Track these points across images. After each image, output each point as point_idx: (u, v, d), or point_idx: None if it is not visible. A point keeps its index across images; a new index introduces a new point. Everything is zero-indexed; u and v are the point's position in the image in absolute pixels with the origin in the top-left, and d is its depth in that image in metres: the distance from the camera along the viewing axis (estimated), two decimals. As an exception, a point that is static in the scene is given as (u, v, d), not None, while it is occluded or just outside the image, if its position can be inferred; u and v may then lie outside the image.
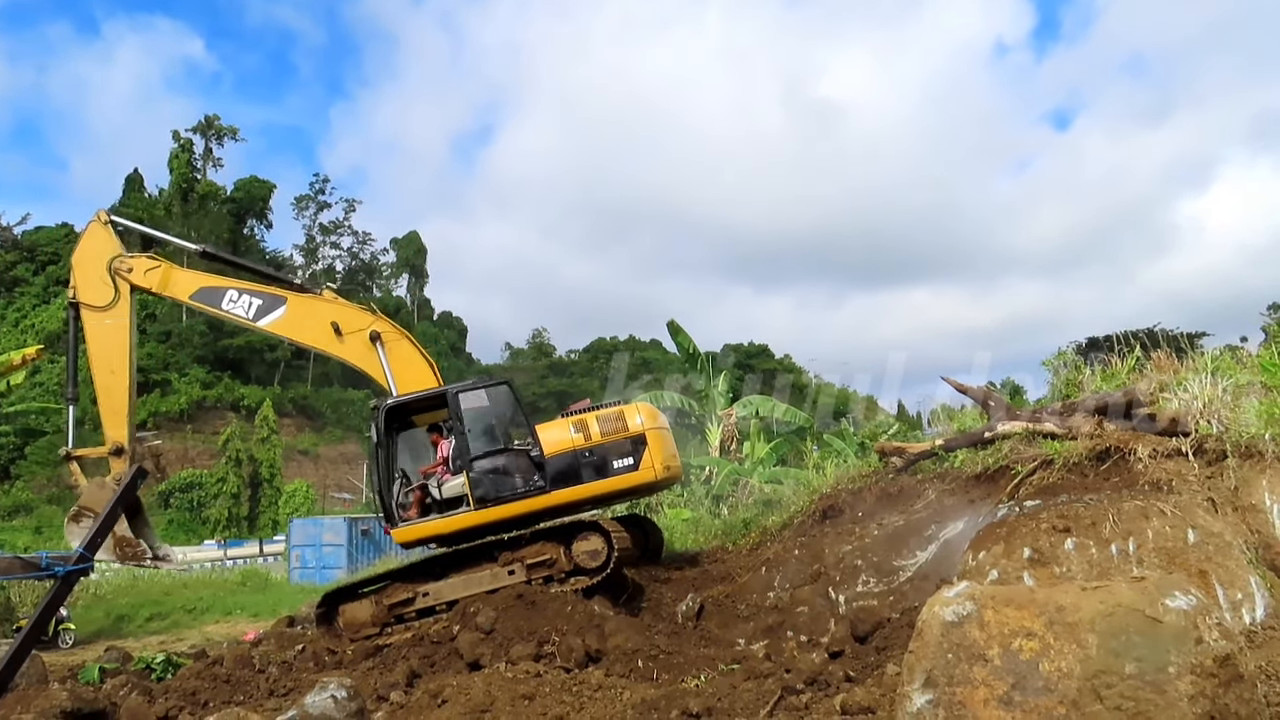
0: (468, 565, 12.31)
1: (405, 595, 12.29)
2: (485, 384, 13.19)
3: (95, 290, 14.04)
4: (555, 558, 12.01)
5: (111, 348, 13.91)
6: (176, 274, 14.61)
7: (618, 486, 12.49)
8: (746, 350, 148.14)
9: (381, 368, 13.33)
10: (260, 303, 13.96)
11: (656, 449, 12.51)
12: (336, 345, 13.69)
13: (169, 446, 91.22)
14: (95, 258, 14.27)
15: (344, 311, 13.86)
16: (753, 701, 7.43)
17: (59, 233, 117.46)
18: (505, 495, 12.33)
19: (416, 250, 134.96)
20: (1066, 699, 4.50)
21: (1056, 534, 8.88)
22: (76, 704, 8.71)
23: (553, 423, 13.07)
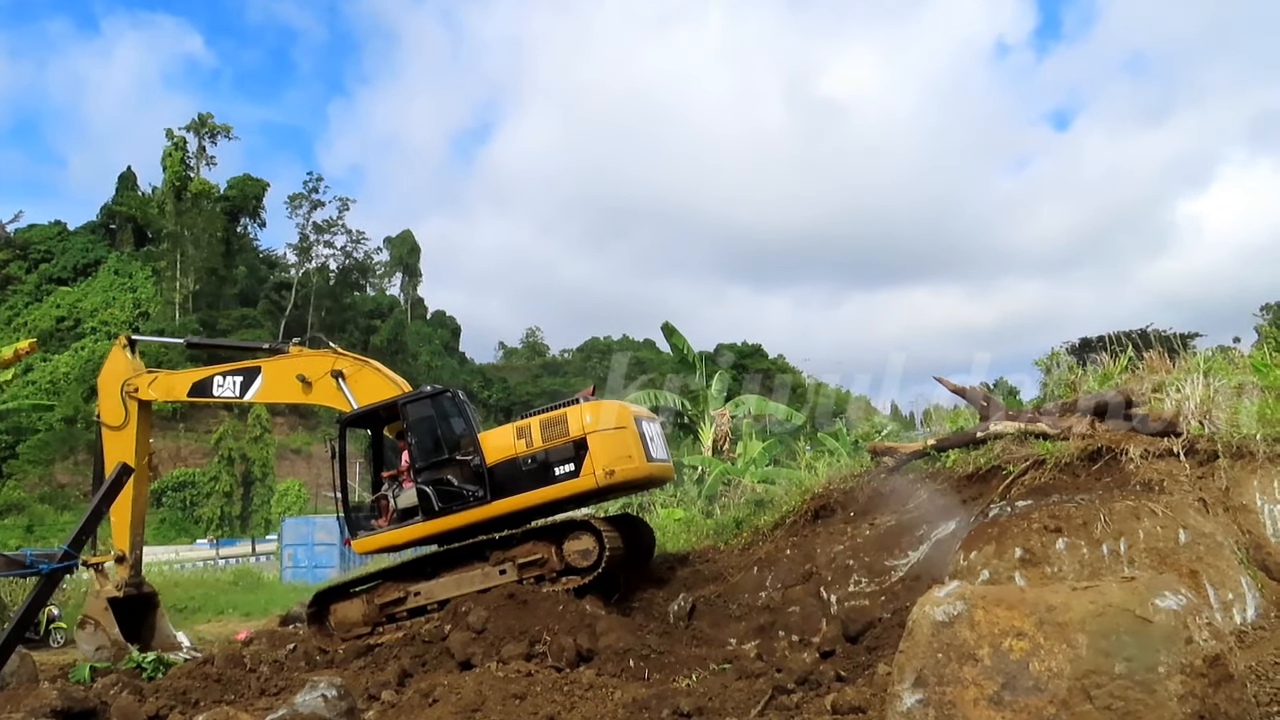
0: (459, 565, 12.26)
1: (397, 594, 12.27)
2: (431, 393, 13.09)
3: (112, 411, 15.55)
4: (547, 557, 11.90)
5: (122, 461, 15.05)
6: (173, 379, 16.02)
7: (558, 495, 12.00)
8: (741, 350, 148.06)
9: (347, 402, 13.67)
10: (241, 379, 14.98)
11: (600, 452, 11.82)
12: (307, 394, 14.41)
13: (161, 445, 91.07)
14: (114, 381, 15.70)
15: (306, 362, 14.44)
16: (744, 701, 7.42)
17: (52, 230, 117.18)
18: (448, 506, 12.23)
19: (410, 249, 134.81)
20: (1056, 698, 4.49)
21: (1048, 534, 8.89)
22: (67, 703, 8.68)
23: (499, 429, 12.90)
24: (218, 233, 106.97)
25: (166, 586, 26.47)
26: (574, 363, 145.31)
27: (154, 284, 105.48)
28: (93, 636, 14.47)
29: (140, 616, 15.29)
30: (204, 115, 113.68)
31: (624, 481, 12.37)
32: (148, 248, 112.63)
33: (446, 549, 12.55)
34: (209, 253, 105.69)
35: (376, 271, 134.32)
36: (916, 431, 16.63)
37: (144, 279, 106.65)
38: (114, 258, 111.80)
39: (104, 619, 14.53)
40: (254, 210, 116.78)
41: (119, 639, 14.30)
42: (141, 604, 15.46)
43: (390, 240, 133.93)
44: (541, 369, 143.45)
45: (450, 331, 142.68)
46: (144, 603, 15.55)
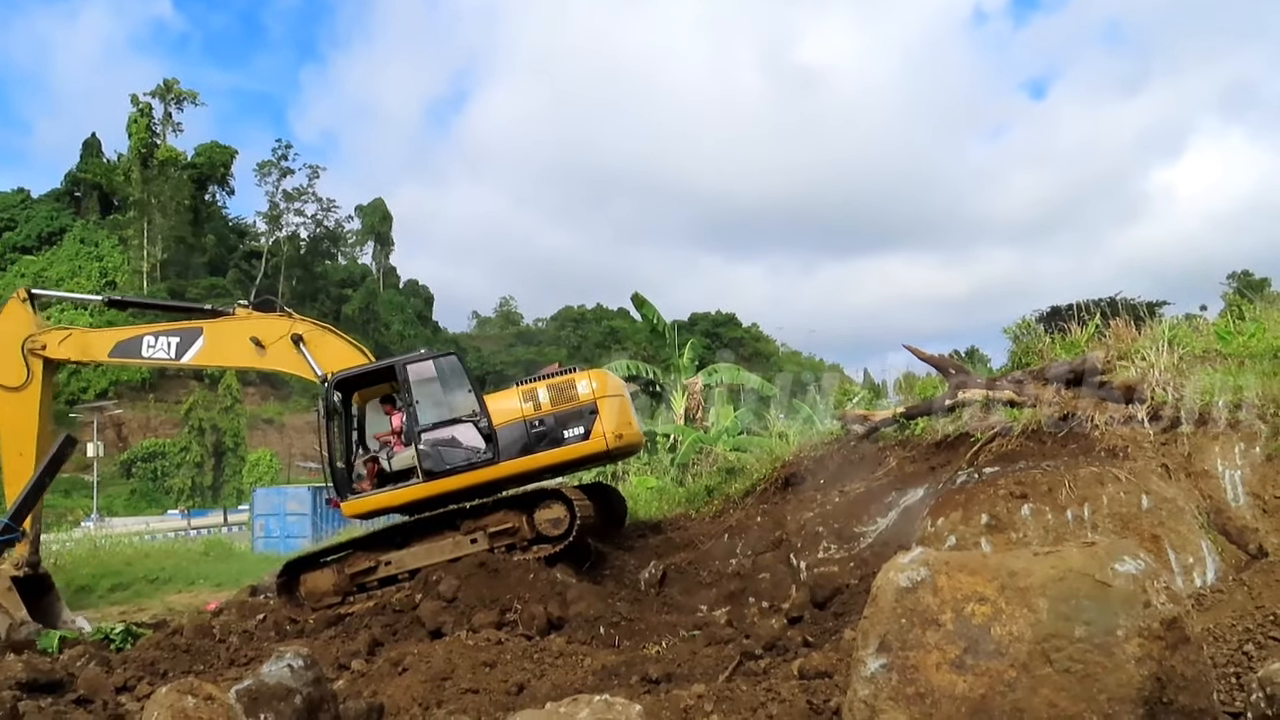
0: (430, 534, 12.24)
1: (367, 564, 12.22)
2: (433, 355, 13.04)
3: (8, 370, 13.92)
4: (518, 526, 11.95)
5: (21, 429, 13.91)
6: (90, 337, 14.59)
7: (568, 456, 12.34)
8: (714, 319, 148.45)
9: (309, 367, 13.24)
10: (178, 340, 13.84)
11: (608, 417, 12.31)
12: (260, 359, 13.67)
13: (131, 416, 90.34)
14: (10, 338, 14.07)
15: (261, 324, 13.70)
16: (712, 667, 7.49)
17: (15, 198, 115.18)
18: (453, 467, 12.23)
19: (382, 217, 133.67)
20: (1017, 662, 4.55)
21: (1014, 500, 9.00)
22: (33, 675, 8.61)
23: (503, 392, 12.94)
24: (185, 201, 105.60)
25: (137, 557, 26.37)
26: (548, 332, 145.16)
27: (121, 253, 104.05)
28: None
29: (36, 599, 13.94)
30: (169, 81, 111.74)
31: (627, 445, 12.94)
32: (114, 215, 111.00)
33: (417, 518, 12.51)
34: (176, 221, 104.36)
35: (348, 240, 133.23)
36: (890, 399, 16.73)
37: (110, 247, 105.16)
38: (79, 226, 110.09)
39: (6, 599, 13.29)
40: (222, 178, 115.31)
41: (26, 619, 13.19)
42: (37, 585, 14.19)
43: (362, 208, 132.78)
44: (515, 338, 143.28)
45: (423, 300, 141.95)
46: (39, 584, 14.29)
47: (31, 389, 13.92)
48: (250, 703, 5.23)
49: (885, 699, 4.70)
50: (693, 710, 5.76)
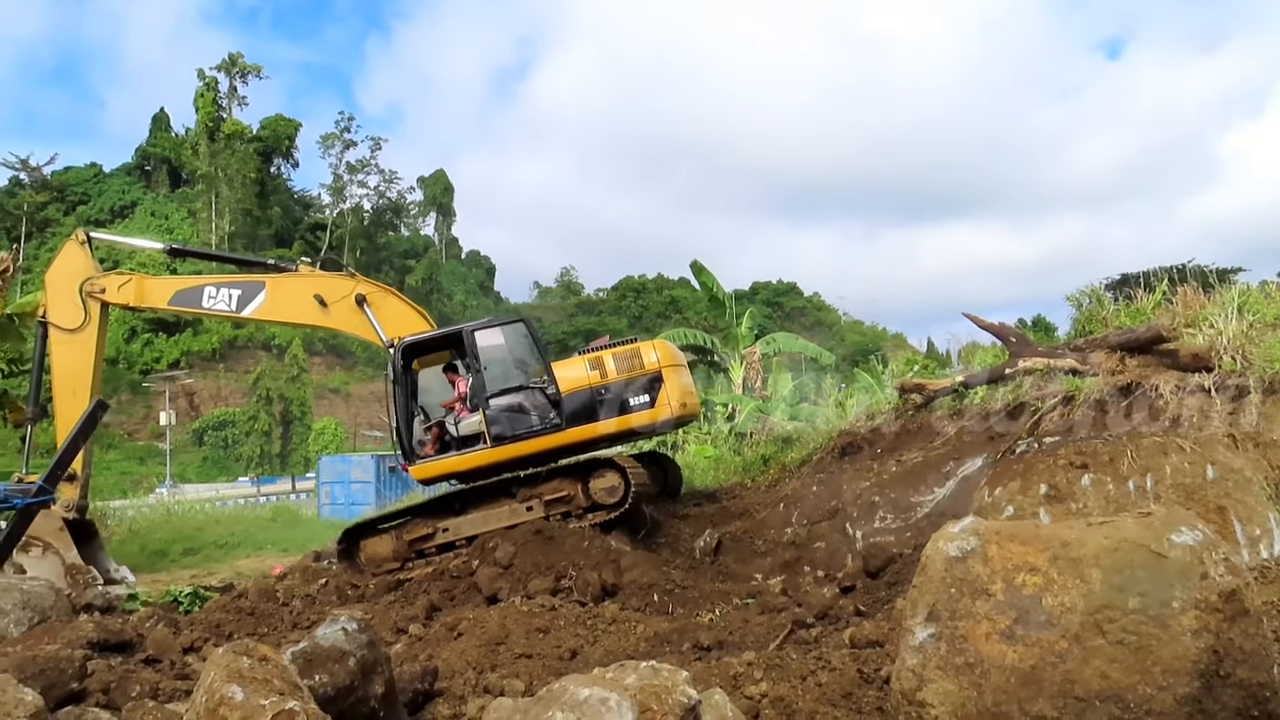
0: (486, 501, 12.36)
1: (425, 530, 12.38)
2: (501, 321, 13.13)
3: (66, 312, 13.96)
4: (573, 494, 12.06)
5: (76, 371, 13.91)
6: (150, 284, 14.57)
7: (634, 424, 12.42)
8: (775, 288, 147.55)
9: (372, 329, 13.28)
10: (239, 293, 13.83)
11: (673, 386, 12.43)
12: (323, 317, 13.63)
13: (202, 385, 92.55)
14: (69, 279, 14.12)
15: (325, 282, 13.76)
16: (764, 635, 7.50)
17: (88, 173, 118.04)
18: (521, 433, 12.34)
19: (444, 188, 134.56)
20: (1069, 633, 4.48)
21: (1074, 470, 8.82)
22: (103, 635, 8.88)
23: (569, 360, 13.02)
24: (251, 174, 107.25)
25: (208, 523, 27.15)
26: (609, 302, 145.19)
27: (190, 225, 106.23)
28: (41, 562, 13.23)
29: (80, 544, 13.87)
30: (234, 55, 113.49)
31: (689, 414, 13.14)
32: (183, 189, 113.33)
33: (474, 486, 12.65)
34: (243, 194, 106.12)
35: (410, 211, 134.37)
36: (954, 369, 16.53)
37: (180, 220, 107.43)
38: (150, 199, 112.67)
39: (58, 540, 13.36)
40: (287, 151, 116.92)
41: (77, 563, 13.31)
42: (83, 530, 14.21)
43: (424, 180, 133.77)
44: (576, 308, 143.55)
45: (485, 271, 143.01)
46: (85, 529, 14.31)
47: (88, 331, 13.95)
48: (305, 664, 5.34)
49: (933, 668, 4.66)
50: (742, 678, 5.77)
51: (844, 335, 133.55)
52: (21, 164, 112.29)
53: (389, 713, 5.75)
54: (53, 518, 13.25)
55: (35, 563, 13.07)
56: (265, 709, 4.47)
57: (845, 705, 5.23)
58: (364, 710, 5.57)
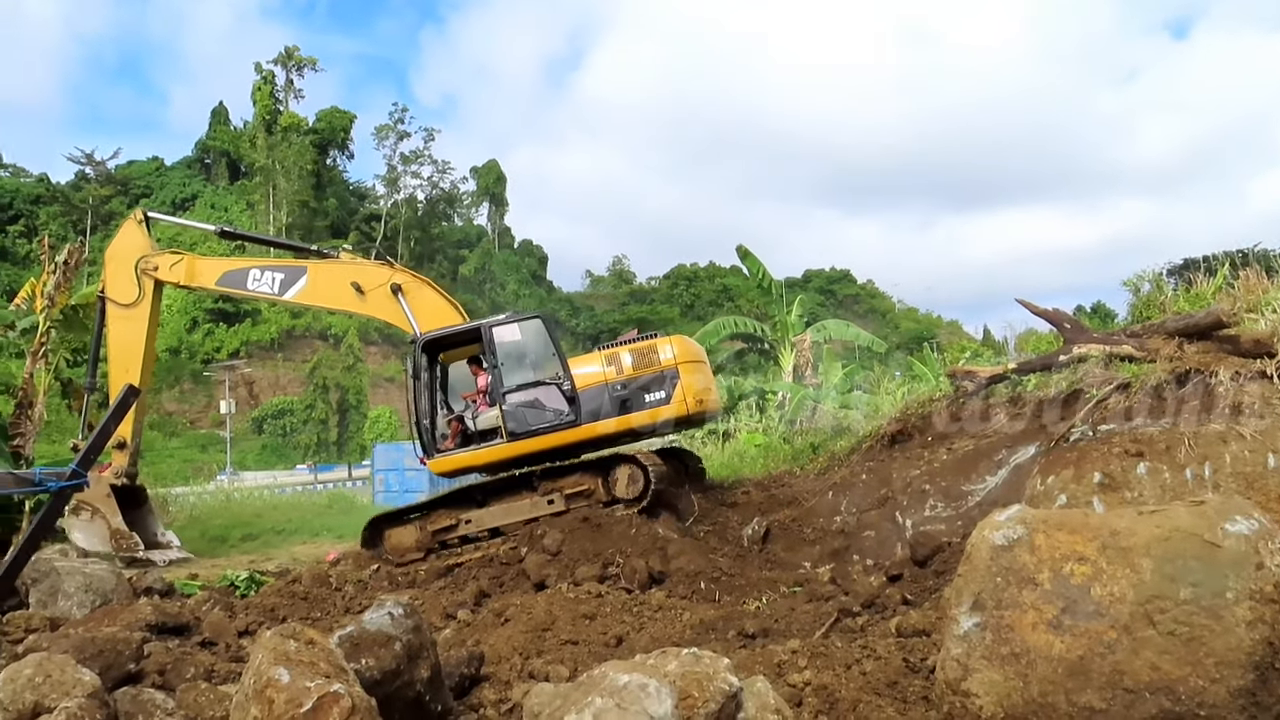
0: (508, 494, 12.50)
1: (448, 521, 12.55)
2: (519, 318, 13.24)
3: (122, 288, 14.58)
4: (593, 488, 12.15)
5: (129, 346, 14.53)
6: (200, 264, 15.02)
7: (649, 420, 12.45)
8: (828, 276, 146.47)
9: (406, 317, 13.55)
10: (283, 276, 14.27)
11: (689, 383, 12.43)
12: (360, 304, 14.00)
13: (261, 374, 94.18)
14: (127, 256, 14.71)
15: (363, 270, 14.08)
16: (810, 623, 7.45)
17: (150, 166, 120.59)
18: (536, 428, 12.47)
19: (496, 178, 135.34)
20: (1118, 623, 4.38)
21: (1129, 458, 8.65)
22: (161, 618, 9.07)
23: (586, 356, 13.13)
24: (307, 166, 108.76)
25: (266, 509, 27.60)
26: (660, 290, 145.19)
27: (248, 217, 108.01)
28: (89, 526, 13.82)
29: (130, 510, 14.59)
30: (290, 49, 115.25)
31: (707, 411, 13.07)
32: (241, 181, 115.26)
33: (497, 479, 12.77)
34: (299, 185, 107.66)
35: (463, 201, 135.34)
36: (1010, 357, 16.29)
37: (239, 212, 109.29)
38: (209, 191, 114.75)
39: (105, 505, 13.90)
40: (342, 143, 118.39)
41: (121, 528, 13.80)
42: (133, 496, 14.79)
43: (476, 170, 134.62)
44: (628, 297, 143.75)
45: (537, 260, 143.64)
46: (135, 495, 14.89)
47: (142, 308, 14.53)
48: (352, 648, 5.40)
49: (979, 658, 4.60)
50: (786, 665, 5.74)
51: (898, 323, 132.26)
52: (87, 158, 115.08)
53: (434, 697, 5.79)
54: (101, 484, 13.83)
55: (84, 526, 13.70)
56: (310, 691, 4.52)
57: (890, 694, 5.18)
58: (409, 694, 5.62)
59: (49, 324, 18.53)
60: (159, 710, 5.45)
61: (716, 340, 26.61)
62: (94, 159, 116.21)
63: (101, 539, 13.73)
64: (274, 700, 4.47)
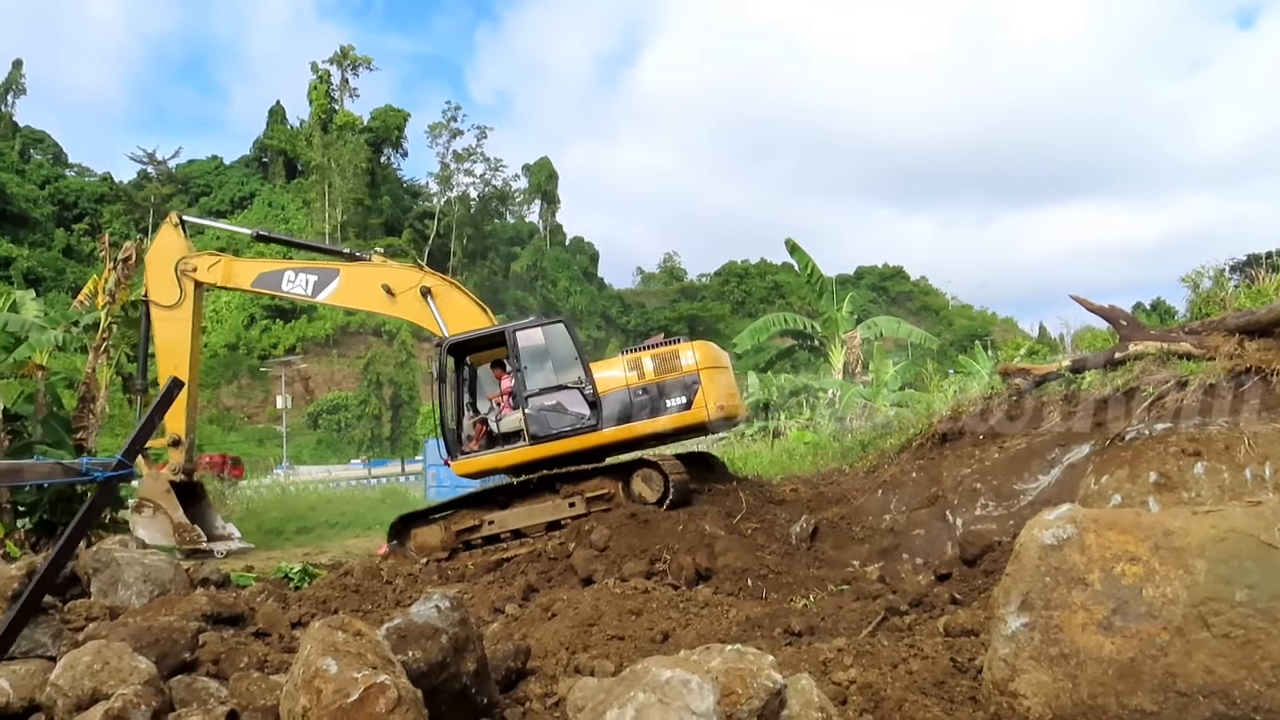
0: (530, 496, 12.67)
1: (472, 522, 12.75)
2: (542, 322, 13.41)
3: (163, 290, 14.88)
4: (614, 492, 12.28)
5: (175, 346, 14.87)
6: (236, 265, 15.42)
7: (670, 426, 12.53)
8: (880, 272, 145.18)
9: (435, 320, 13.76)
10: (316, 278, 14.53)
11: (711, 389, 12.48)
12: (390, 306, 14.24)
13: (316, 370, 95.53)
14: (165, 259, 15.04)
15: (393, 273, 14.31)
16: (857, 621, 7.40)
17: (209, 165, 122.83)
18: (558, 432, 12.62)
19: (548, 175, 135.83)
20: (1171, 625, 4.30)
21: (1186, 458, 8.47)
22: (217, 608, 9.23)
23: (609, 360, 13.25)
24: (362, 164, 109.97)
25: (320, 503, 28.02)
26: (711, 287, 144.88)
27: (304, 215, 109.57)
28: (151, 521, 14.11)
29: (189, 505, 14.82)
30: (345, 48, 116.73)
31: (728, 417, 13.22)
32: (298, 180, 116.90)
33: (521, 481, 12.94)
34: (354, 183, 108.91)
35: (515, 199, 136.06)
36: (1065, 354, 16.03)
37: (295, 210, 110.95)
38: (267, 190, 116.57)
39: (165, 501, 14.18)
40: (396, 141, 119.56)
41: (183, 521, 14.06)
42: (191, 492, 15.09)
43: (528, 167, 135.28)
44: (679, 294, 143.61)
45: (589, 257, 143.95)
46: (193, 490, 15.21)
47: (184, 308, 14.84)
48: (399, 640, 5.45)
49: (1026, 658, 4.54)
50: (831, 663, 5.70)
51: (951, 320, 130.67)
52: (149, 157, 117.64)
53: (480, 689, 5.83)
54: (160, 480, 14.33)
55: (146, 522, 14.03)
56: (357, 681, 4.58)
57: (936, 694, 5.12)
58: (455, 687, 5.67)
59: (110, 320, 18.93)
60: (212, 698, 5.55)
61: (766, 337, 26.51)
62: (155, 158, 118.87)
63: (164, 534, 14.05)
64: (321, 690, 4.54)
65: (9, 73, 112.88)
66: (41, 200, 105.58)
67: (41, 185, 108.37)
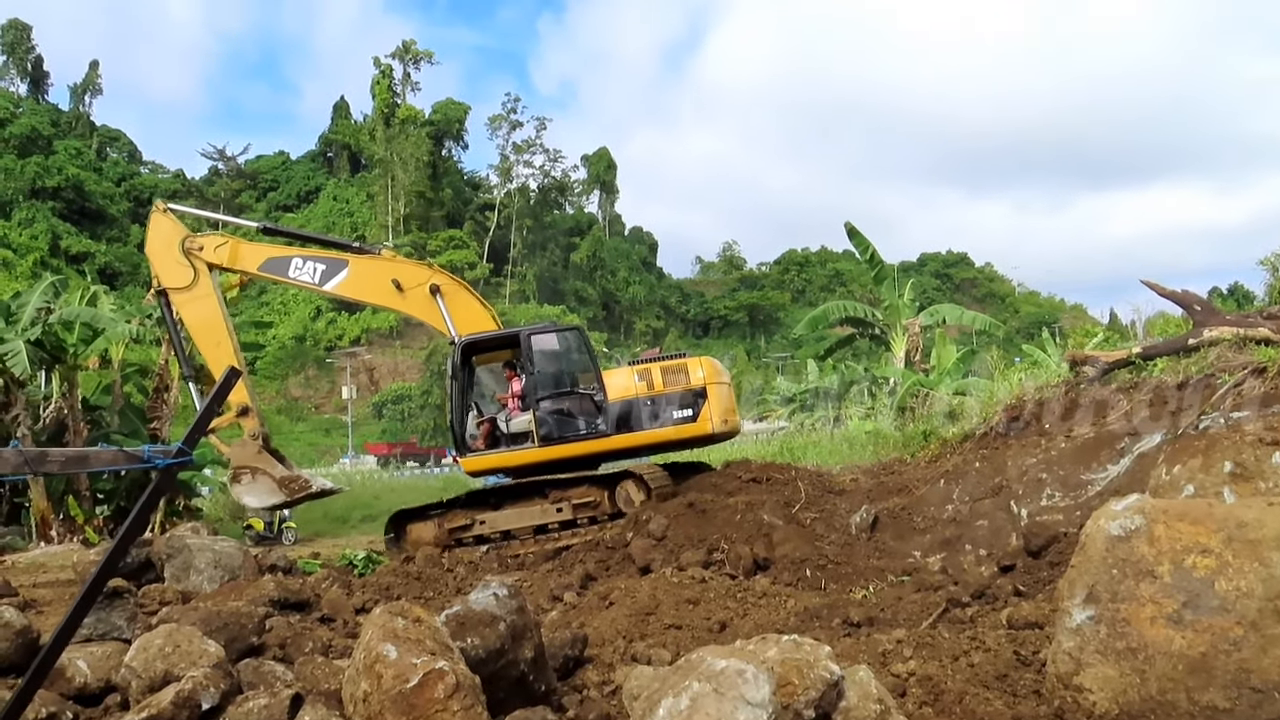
0: (521, 499, 12.96)
1: (464, 521, 13.08)
2: (557, 328, 13.93)
3: (175, 274, 14.63)
4: (599, 500, 12.56)
5: (208, 322, 14.70)
6: (244, 248, 15.12)
7: (675, 436, 12.99)
8: (944, 259, 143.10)
9: (443, 318, 13.85)
10: (324, 267, 14.48)
11: (716, 403, 12.96)
12: (399, 301, 14.26)
13: (380, 361, 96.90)
14: (166, 244, 14.83)
15: (403, 268, 14.41)
16: (917, 613, 7.28)
17: (276, 160, 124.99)
18: (568, 435, 12.92)
19: (607, 166, 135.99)
20: (1245, 619, 4.15)
21: (1264, 446, 8.16)
22: (283, 594, 9.41)
23: (618, 369, 13.58)
24: (424, 157, 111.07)
25: (385, 491, 28.41)
26: (771, 276, 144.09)
27: (368, 208, 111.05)
28: (253, 485, 14.07)
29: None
30: (407, 42, 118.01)
31: (729, 431, 13.75)
32: (361, 174, 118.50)
33: (514, 484, 13.29)
34: (416, 176, 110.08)
35: (574, 189, 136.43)
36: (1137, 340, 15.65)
37: (359, 204, 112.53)
38: (332, 184, 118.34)
39: (261, 461, 14.10)
40: (457, 133, 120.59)
41: (286, 474, 14.08)
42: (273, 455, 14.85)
43: (588, 158, 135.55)
44: (738, 283, 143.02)
45: (648, 247, 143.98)
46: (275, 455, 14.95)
47: (202, 284, 14.58)
48: (458, 627, 5.49)
49: (1092, 652, 4.42)
50: (891, 655, 5.61)
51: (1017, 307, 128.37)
52: (219, 154, 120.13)
53: (538, 677, 5.84)
54: (249, 445, 14.24)
55: (248, 488, 14.08)
56: (417, 667, 4.62)
57: (998, 687, 5.01)
58: (514, 673, 5.69)
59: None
60: (278, 681, 5.64)
61: (825, 325, 26.27)
62: (225, 154, 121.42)
63: (270, 491, 14.12)
64: (382, 675, 4.59)
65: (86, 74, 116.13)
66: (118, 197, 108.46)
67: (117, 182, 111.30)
